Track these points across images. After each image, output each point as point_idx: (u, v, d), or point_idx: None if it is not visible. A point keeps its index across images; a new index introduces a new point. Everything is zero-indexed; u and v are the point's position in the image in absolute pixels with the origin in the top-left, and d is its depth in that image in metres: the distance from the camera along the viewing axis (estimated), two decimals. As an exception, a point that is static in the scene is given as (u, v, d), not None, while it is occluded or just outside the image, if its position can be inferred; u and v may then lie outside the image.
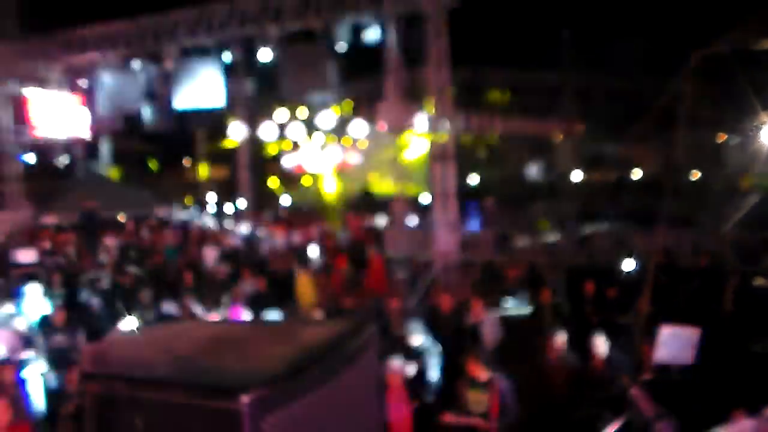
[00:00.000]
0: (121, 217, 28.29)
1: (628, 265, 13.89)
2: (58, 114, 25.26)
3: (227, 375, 2.00)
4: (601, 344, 8.39)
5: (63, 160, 33.06)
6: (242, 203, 29.41)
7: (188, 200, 34.54)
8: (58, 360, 10.23)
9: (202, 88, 22.95)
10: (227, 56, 22.49)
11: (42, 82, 24.43)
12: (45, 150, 30.18)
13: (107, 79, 23.82)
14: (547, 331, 9.83)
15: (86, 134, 26.69)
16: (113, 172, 34.26)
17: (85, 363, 2.20)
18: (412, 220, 19.82)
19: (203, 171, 35.34)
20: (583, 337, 9.10)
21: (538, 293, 12.36)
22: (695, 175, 28.90)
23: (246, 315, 12.27)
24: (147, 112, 24.61)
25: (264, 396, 1.95)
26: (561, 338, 8.80)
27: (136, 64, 23.36)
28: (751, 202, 17.76)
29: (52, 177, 31.79)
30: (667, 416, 2.66)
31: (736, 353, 8.43)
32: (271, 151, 32.85)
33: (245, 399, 1.91)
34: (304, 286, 14.78)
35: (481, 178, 30.85)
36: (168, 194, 34.41)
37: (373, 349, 2.59)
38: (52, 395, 9.46)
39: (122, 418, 2.09)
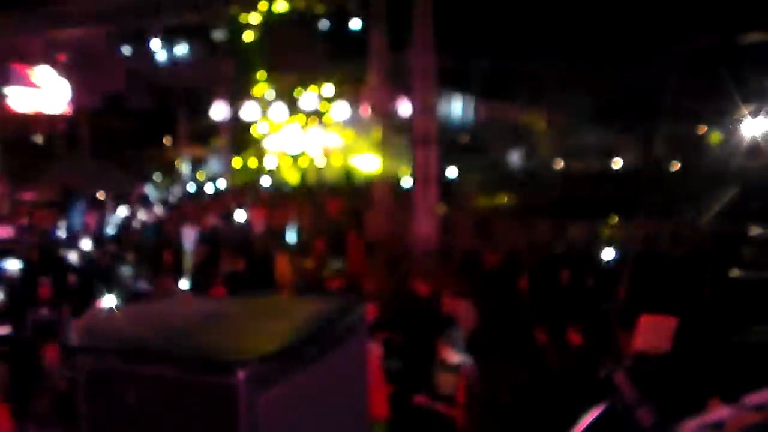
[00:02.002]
0: (101, 195, 28.07)
1: (608, 254, 13.98)
2: (37, 89, 25.05)
3: (223, 350, 2.00)
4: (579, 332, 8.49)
5: (41, 136, 32.73)
6: (222, 183, 29.31)
7: (167, 179, 34.40)
8: (42, 334, 10.15)
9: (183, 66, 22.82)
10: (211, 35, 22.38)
11: (23, 57, 24.20)
12: (24, 125, 29.90)
13: (89, 55, 23.62)
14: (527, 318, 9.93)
15: (66, 110, 26.49)
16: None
17: (76, 336, 2.19)
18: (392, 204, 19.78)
19: (184, 150, 35.14)
20: (561, 324, 9.19)
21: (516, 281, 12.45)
22: (675, 166, 29.06)
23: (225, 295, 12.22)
24: (128, 90, 24.45)
25: (260, 372, 1.95)
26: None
27: (118, 40, 23.18)
28: (729, 194, 17.89)
29: (31, 153, 31.48)
30: (649, 402, 2.69)
31: (714, 343, 8.51)
32: (253, 132, 32.69)
33: (241, 374, 1.91)
34: (283, 268, 14.77)
35: (462, 164, 30.86)
36: (148, 173, 34.23)
37: (364, 329, 2.59)
38: (33, 370, 9.36)
39: (114, 392, 2.09)
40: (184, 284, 13.35)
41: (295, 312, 2.32)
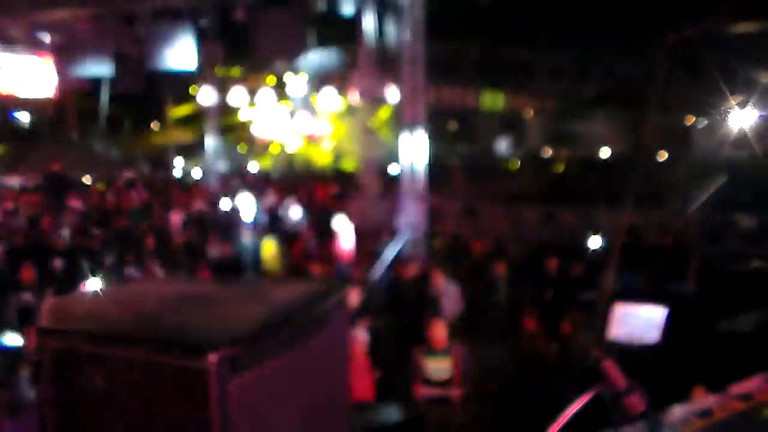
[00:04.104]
0: (87, 179, 27.91)
1: (595, 242, 13.95)
2: (23, 72, 24.84)
3: (194, 333, 1.94)
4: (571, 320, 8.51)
5: (27, 120, 32.47)
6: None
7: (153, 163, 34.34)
8: (25, 319, 10.05)
9: (173, 50, 22.59)
10: (199, 19, 22.17)
11: (8, 39, 23.96)
12: (10, 109, 29.68)
13: (76, 37, 23.37)
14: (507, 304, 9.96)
15: (52, 93, 26.28)
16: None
17: (44, 318, 2.12)
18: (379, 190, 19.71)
19: (171, 134, 34.99)
20: (550, 312, 9.20)
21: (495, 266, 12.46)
22: (663, 155, 29.09)
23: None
24: (116, 73, 24.19)
25: (232, 355, 1.88)
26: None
27: (106, 23, 22.94)
28: (716, 184, 17.91)
29: (17, 137, 31.26)
30: (638, 389, 2.66)
31: (700, 332, 8.50)
32: (238, 119, 32.53)
33: (213, 358, 1.84)
34: (271, 253, 14.74)
35: (450, 151, 30.88)
36: (135, 157, 34.14)
37: (344, 313, 2.53)
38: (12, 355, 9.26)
39: (82, 374, 2.02)
40: (169, 269, 13.28)
41: (272, 295, 2.26)
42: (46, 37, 24.31)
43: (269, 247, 14.90)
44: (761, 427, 3.15)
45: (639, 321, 7.09)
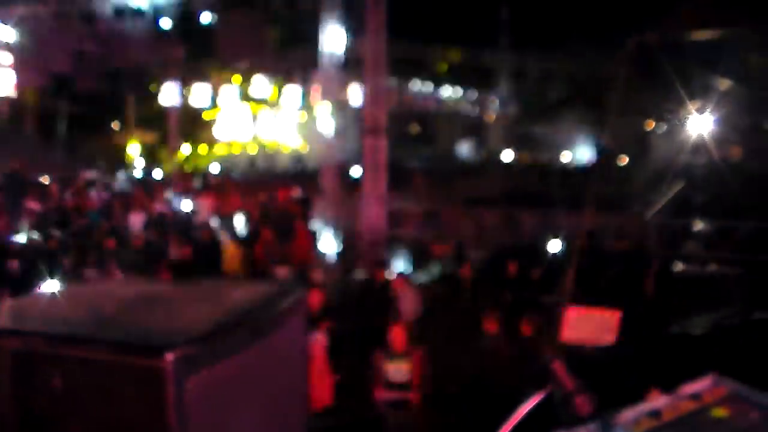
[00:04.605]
0: (45, 179, 27.52)
1: (554, 246, 14.07)
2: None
3: (152, 332, 1.96)
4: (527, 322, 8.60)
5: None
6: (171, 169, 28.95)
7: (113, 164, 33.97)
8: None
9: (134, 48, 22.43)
10: (161, 18, 22.05)
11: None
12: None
13: (36, 35, 23.10)
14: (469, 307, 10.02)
15: (10, 91, 25.96)
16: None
17: (1, 319, 2.13)
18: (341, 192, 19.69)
19: (132, 135, 34.67)
20: (507, 314, 9.29)
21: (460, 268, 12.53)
22: (623, 160, 29.34)
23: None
24: (76, 72, 23.97)
25: (189, 354, 1.91)
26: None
27: (66, 21, 22.72)
28: (675, 189, 18.10)
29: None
30: (586, 390, 2.71)
31: (655, 334, 8.62)
32: (205, 116, 32.36)
33: (170, 357, 1.87)
34: (231, 256, 14.68)
35: (412, 154, 30.92)
36: (95, 157, 33.74)
37: (302, 314, 2.56)
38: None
39: (40, 375, 2.03)
40: (128, 271, 13.17)
41: (229, 296, 2.29)
42: (5, 35, 24.00)
43: (229, 250, 14.85)
44: (709, 427, 3.22)
45: (593, 324, 7.20)
